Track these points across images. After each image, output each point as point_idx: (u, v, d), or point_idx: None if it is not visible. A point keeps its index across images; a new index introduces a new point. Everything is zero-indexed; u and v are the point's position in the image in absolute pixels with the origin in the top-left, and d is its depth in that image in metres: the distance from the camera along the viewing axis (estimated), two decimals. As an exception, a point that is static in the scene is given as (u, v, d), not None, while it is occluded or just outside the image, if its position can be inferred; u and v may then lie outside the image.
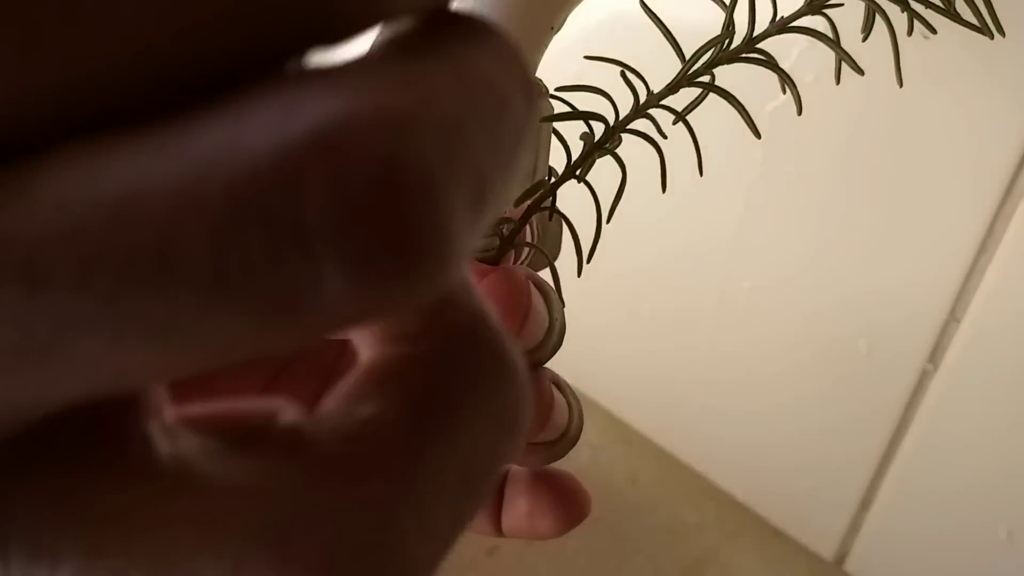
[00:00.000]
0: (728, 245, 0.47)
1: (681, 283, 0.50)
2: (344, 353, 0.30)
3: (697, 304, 0.49)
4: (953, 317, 0.40)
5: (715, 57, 0.21)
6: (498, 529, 0.27)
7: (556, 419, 0.24)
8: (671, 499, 0.55)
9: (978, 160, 0.36)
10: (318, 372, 0.30)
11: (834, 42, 0.21)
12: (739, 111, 0.21)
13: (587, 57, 0.22)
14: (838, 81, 0.22)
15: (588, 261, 0.23)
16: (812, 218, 0.43)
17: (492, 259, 0.23)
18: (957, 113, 0.36)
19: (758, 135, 0.20)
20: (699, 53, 0.21)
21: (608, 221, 0.21)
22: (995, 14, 0.19)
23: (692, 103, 0.21)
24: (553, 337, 0.23)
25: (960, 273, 0.39)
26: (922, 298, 0.40)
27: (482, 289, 0.22)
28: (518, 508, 0.26)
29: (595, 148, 0.21)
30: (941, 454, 0.43)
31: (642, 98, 0.21)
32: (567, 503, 0.25)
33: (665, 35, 0.21)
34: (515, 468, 0.27)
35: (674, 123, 0.22)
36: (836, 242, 0.43)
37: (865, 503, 0.47)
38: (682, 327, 0.51)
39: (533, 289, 0.22)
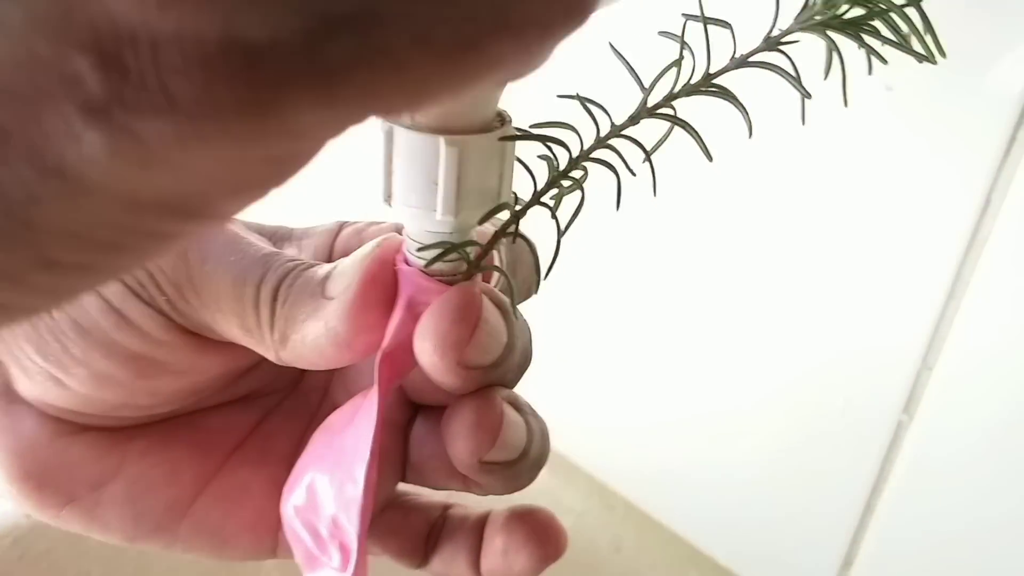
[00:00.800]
0: (703, 308, 0.47)
1: (658, 346, 0.50)
2: (327, 396, 0.31)
3: (675, 366, 0.49)
4: (925, 366, 0.40)
5: (672, 91, 0.21)
6: (478, 574, 0.27)
7: (510, 437, 0.23)
8: (655, 566, 0.54)
9: (942, 206, 0.37)
10: (305, 412, 0.30)
11: (794, 79, 0.22)
12: (698, 143, 0.22)
13: (559, 96, 0.23)
14: (803, 121, 0.22)
15: (546, 277, 0.23)
16: (782, 277, 0.43)
17: (458, 283, 0.23)
18: (920, 162, 0.37)
19: (710, 157, 0.21)
20: (653, 84, 0.21)
21: (563, 233, 0.21)
22: (938, 41, 0.20)
23: (659, 141, 0.22)
24: (514, 356, 0.23)
25: (931, 321, 0.39)
26: (894, 349, 0.41)
27: (436, 301, 0.22)
28: (494, 546, 0.26)
29: (560, 176, 0.22)
30: (921, 506, 0.43)
31: (603, 130, 0.22)
32: (541, 538, 0.25)
33: (626, 66, 0.22)
34: (494, 510, 0.27)
35: (644, 162, 0.23)
36: (806, 299, 0.43)
37: (848, 560, 0.46)
38: (661, 391, 0.51)
39: (489, 303, 0.22)
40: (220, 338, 0.25)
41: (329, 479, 0.24)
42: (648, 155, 0.21)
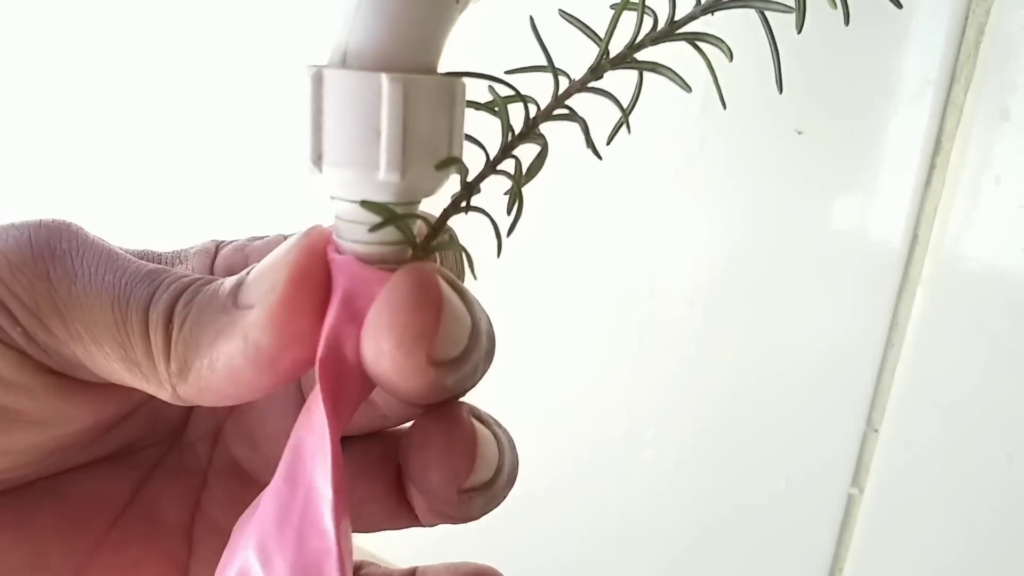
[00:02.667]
0: (625, 392, 0.44)
1: (581, 439, 0.46)
2: (218, 445, 0.26)
3: (601, 459, 0.45)
4: (871, 427, 0.38)
5: (634, 40, 0.19)
6: None
7: (486, 454, 0.20)
8: None
9: (868, 253, 0.36)
10: (195, 467, 0.25)
11: (765, 21, 0.20)
12: (677, 82, 0.19)
13: (508, 72, 0.20)
14: (780, 89, 0.20)
15: (498, 256, 0.19)
16: (706, 351, 0.41)
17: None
18: (841, 210, 0.36)
19: (687, 89, 0.19)
20: (610, 33, 0.19)
21: (516, 204, 0.18)
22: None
23: (636, 91, 0.19)
24: (482, 342, 0.19)
25: (871, 377, 0.37)
26: (836, 413, 0.38)
27: (385, 289, 0.18)
28: None
29: (517, 140, 0.19)
30: (884, 591, 0.39)
31: (562, 87, 0.19)
32: None
33: (578, 26, 0.20)
34: (426, 567, 0.22)
35: (621, 120, 0.20)
36: (732, 374, 0.41)
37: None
38: (586, 489, 0.46)
39: (446, 285, 0.18)
40: (92, 378, 0.20)
41: (277, 543, 0.18)
42: (623, 115, 0.19)
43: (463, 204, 0.19)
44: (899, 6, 0.20)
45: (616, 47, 0.19)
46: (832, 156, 0.35)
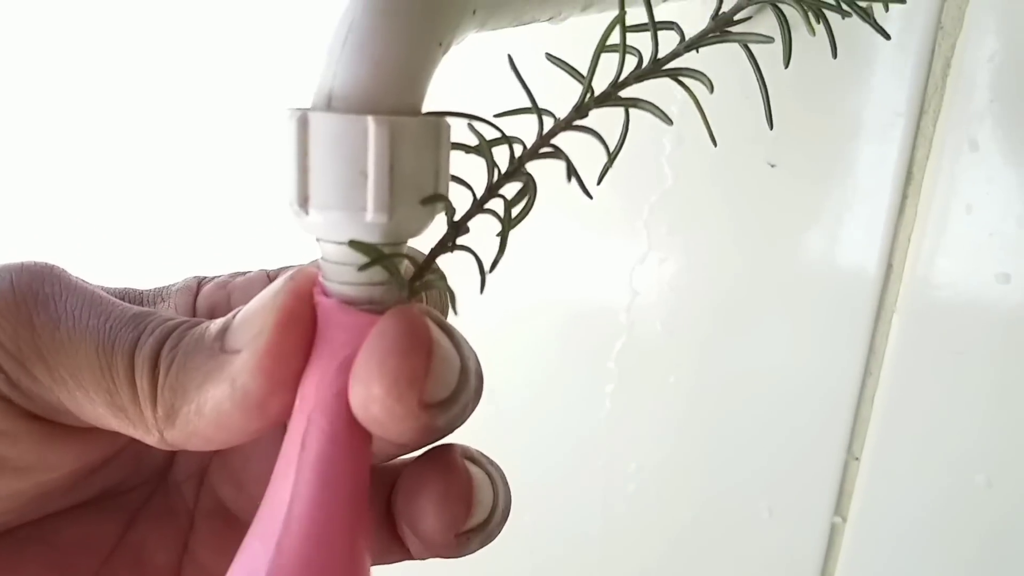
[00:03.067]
0: (606, 425, 0.44)
1: (562, 473, 0.46)
2: (204, 485, 0.25)
3: (582, 493, 0.45)
4: (852, 456, 0.38)
5: (617, 79, 0.19)
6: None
7: (482, 497, 0.20)
8: None
9: (844, 283, 0.36)
10: (181, 509, 0.25)
11: (752, 59, 0.20)
12: (660, 118, 0.19)
13: (497, 115, 0.20)
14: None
15: (481, 291, 0.19)
16: (686, 382, 0.41)
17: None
18: (816, 240, 0.36)
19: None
20: (592, 69, 0.19)
21: (506, 234, 0.18)
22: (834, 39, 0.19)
23: (623, 129, 0.20)
24: (470, 381, 0.18)
25: (850, 405, 0.37)
26: (816, 442, 0.39)
27: (373, 333, 0.18)
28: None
29: (503, 179, 0.19)
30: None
31: (547, 127, 0.19)
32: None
33: (563, 67, 0.20)
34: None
35: (598, 182, 0.20)
36: (712, 405, 0.41)
37: None
38: (569, 522, 0.46)
39: (435, 327, 0.18)
40: (76, 422, 0.20)
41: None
42: (612, 153, 0.19)
43: (450, 243, 0.19)
44: (887, 37, 0.20)
45: (601, 85, 0.19)
46: (805, 187, 0.36)
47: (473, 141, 0.19)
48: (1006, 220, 0.32)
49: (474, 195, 0.19)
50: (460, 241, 0.19)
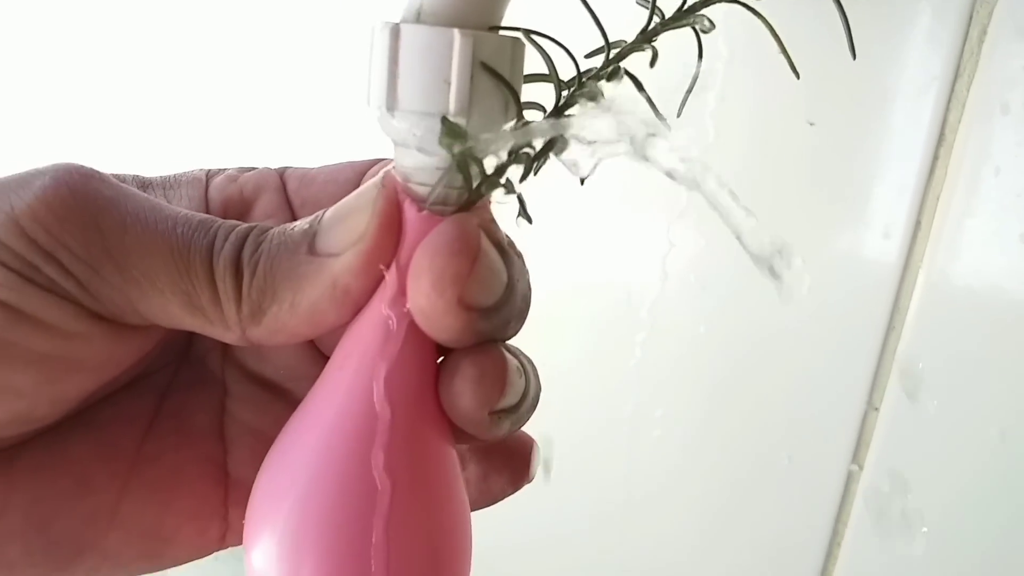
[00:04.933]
0: (636, 373, 0.46)
1: (591, 417, 0.48)
2: (228, 358, 0.27)
3: (609, 438, 0.47)
4: (871, 406, 0.40)
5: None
6: None
7: (513, 380, 0.21)
8: None
9: (872, 242, 0.38)
10: (211, 379, 0.27)
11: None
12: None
13: (587, 55, 0.22)
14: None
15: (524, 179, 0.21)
16: (715, 333, 0.43)
17: (460, 211, 0.21)
18: (847, 199, 0.38)
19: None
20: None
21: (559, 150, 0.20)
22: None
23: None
24: (515, 300, 0.21)
25: (872, 358, 0.39)
26: (837, 393, 0.40)
27: (431, 233, 0.20)
28: (467, 474, 0.25)
29: (573, 96, 0.21)
30: (880, 566, 0.41)
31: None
32: (519, 462, 0.25)
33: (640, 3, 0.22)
34: None
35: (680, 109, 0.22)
36: (739, 355, 0.43)
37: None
38: (595, 466, 0.48)
39: (486, 239, 0.20)
40: (143, 321, 0.22)
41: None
42: (694, 75, 0.21)
43: (524, 151, 0.21)
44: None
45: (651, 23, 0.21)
46: (841, 145, 0.37)
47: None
48: (1032, 181, 0.34)
49: (544, 110, 0.21)
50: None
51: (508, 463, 0.25)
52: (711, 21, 0.20)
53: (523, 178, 0.21)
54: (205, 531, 0.24)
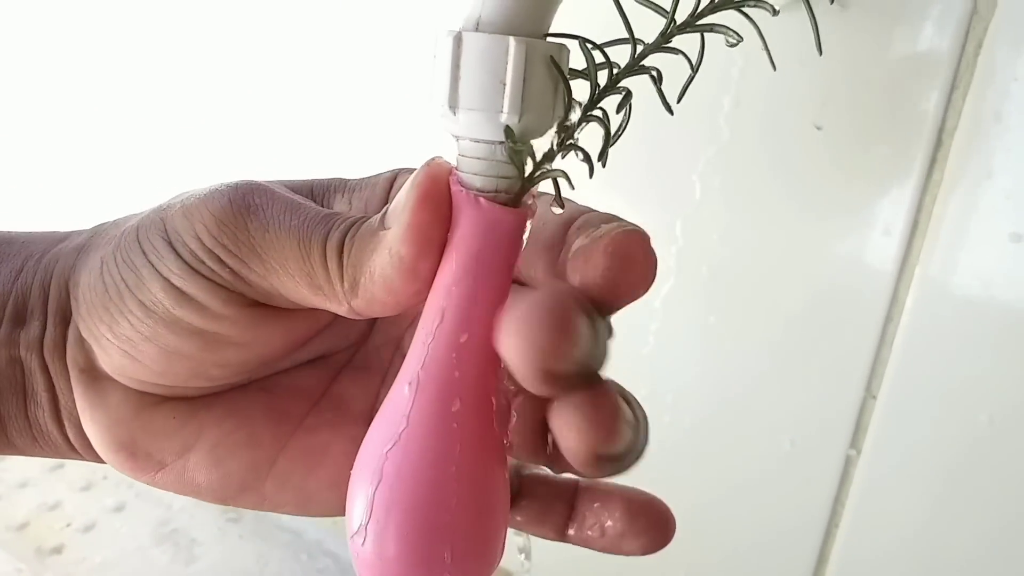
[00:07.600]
0: (649, 361, 0.49)
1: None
2: (399, 351, 0.31)
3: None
4: (870, 394, 0.43)
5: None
6: (562, 537, 0.29)
7: (622, 430, 0.22)
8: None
9: (872, 239, 0.41)
10: (378, 369, 0.31)
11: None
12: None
13: (604, 44, 0.25)
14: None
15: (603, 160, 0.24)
16: (724, 323, 0.46)
17: (511, 200, 0.24)
18: (850, 196, 0.41)
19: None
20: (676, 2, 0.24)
21: (614, 141, 0.23)
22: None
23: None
24: (598, 360, 0.22)
25: (871, 347, 0.42)
26: (837, 381, 0.43)
27: (529, 301, 0.21)
28: (605, 527, 0.28)
29: (604, 92, 0.24)
30: (875, 544, 0.44)
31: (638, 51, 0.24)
32: (660, 528, 0.28)
33: (655, 9, 0.24)
34: (597, 482, 0.29)
35: (678, 99, 0.25)
36: (746, 345, 0.45)
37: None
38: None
39: (577, 307, 0.21)
40: (285, 304, 0.26)
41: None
42: (692, 70, 0.24)
43: (562, 143, 0.24)
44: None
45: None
46: (846, 148, 0.40)
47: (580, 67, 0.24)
48: (1021, 185, 0.36)
49: (581, 105, 0.24)
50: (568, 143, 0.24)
51: (648, 531, 0.28)
52: (738, 34, 0.23)
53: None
54: (342, 498, 0.26)
